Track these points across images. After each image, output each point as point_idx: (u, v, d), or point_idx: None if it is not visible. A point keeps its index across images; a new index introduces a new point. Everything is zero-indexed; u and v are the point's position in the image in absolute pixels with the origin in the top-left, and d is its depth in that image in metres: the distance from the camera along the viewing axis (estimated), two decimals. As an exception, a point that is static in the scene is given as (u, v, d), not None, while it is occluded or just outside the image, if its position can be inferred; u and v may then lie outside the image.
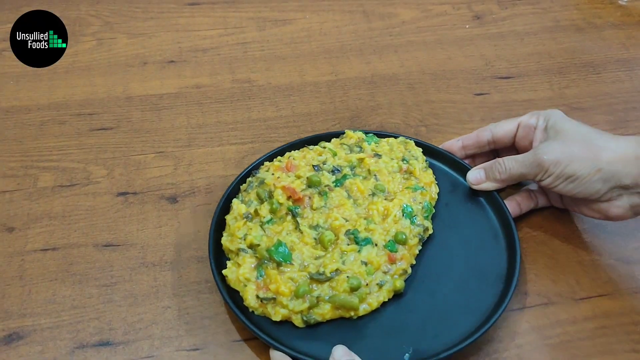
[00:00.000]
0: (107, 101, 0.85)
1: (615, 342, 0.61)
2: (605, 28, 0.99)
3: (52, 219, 0.71)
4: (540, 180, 0.65)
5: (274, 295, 0.59)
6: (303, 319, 0.59)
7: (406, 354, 0.58)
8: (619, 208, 0.63)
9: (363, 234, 0.63)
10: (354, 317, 0.60)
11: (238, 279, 0.61)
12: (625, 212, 0.63)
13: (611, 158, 0.61)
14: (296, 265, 0.61)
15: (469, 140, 0.73)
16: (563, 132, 0.64)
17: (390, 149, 0.73)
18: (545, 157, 0.63)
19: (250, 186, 0.68)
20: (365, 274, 0.61)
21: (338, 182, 0.68)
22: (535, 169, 0.64)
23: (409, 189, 0.68)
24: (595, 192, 0.62)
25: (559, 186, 0.63)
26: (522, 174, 0.66)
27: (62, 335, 0.61)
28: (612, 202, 0.63)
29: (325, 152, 0.72)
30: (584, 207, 0.66)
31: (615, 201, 0.63)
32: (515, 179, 0.67)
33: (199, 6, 1.02)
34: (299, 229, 0.64)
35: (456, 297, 0.62)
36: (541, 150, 0.64)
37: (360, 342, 0.58)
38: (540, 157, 0.64)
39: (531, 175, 0.65)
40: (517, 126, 0.70)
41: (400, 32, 0.98)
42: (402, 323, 0.60)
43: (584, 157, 0.62)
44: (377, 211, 0.66)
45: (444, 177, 0.73)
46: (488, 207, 0.70)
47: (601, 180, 0.61)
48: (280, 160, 0.71)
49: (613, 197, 0.62)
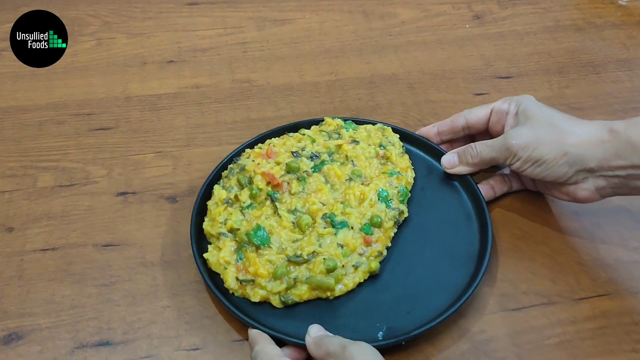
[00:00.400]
0: (106, 101, 0.85)
1: (615, 342, 0.60)
2: (605, 28, 0.99)
3: (51, 218, 0.71)
4: (510, 164, 0.67)
5: (253, 277, 0.61)
6: (281, 299, 0.61)
7: (380, 332, 0.60)
8: (585, 190, 0.64)
9: (339, 218, 0.65)
10: (330, 297, 0.62)
11: (218, 262, 0.63)
12: (592, 194, 0.64)
13: (576, 142, 0.62)
14: (274, 248, 0.63)
15: (444, 126, 0.75)
16: (532, 117, 0.66)
17: (367, 136, 0.75)
18: (513, 141, 0.65)
19: (231, 172, 0.71)
20: (342, 256, 0.63)
21: (316, 167, 0.71)
22: (505, 153, 0.66)
23: (386, 174, 0.70)
24: (562, 175, 0.64)
25: (527, 170, 0.65)
26: (492, 158, 0.68)
27: (61, 335, 0.61)
28: (579, 184, 0.64)
29: (304, 139, 0.74)
30: (553, 190, 0.68)
31: (581, 184, 0.64)
32: (487, 163, 0.69)
33: (198, 6, 1.02)
34: (278, 214, 0.66)
35: (429, 277, 0.64)
36: (510, 135, 0.66)
37: (336, 321, 0.60)
38: (509, 141, 0.66)
39: (501, 159, 0.67)
40: (490, 112, 0.72)
41: (400, 32, 0.98)
42: (377, 303, 0.62)
43: (550, 141, 0.63)
44: (353, 195, 0.68)
45: (421, 162, 0.75)
46: (462, 191, 0.72)
47: (567, 164, 0.63)
48: (260, 147, 0.73)
49: (579, 180, 0.64)
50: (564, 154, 0.62)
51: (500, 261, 0.67)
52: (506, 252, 0.68)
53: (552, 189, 0.68)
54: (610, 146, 0.61)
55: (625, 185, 0.62)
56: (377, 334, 0.59)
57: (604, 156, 0.61)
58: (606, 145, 0.61)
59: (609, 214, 0.71)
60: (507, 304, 0.63)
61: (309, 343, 0.56)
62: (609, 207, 0.71)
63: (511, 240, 0.69)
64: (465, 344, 0.60)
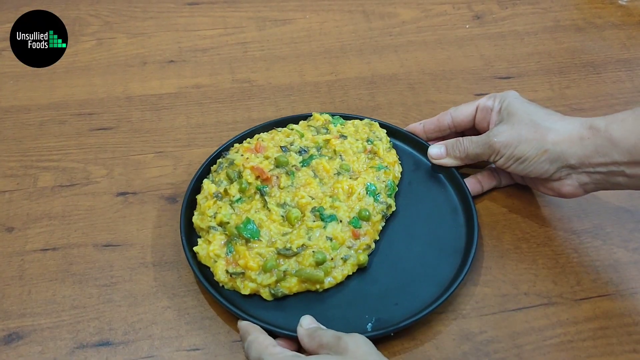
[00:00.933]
0: (107, 101, 0.85)
1: (616, 343, 0.60)
2: (605, 28, 0.99)
3: (51, 218, 0.71)
4: (494, 161, 0.67)
5: (242, 270, 0.62)
6: (271, 292, 0.62)
7: (369, 324, 0.60)
8: (569, 186, 0.65)
9: (328, 211, 0.66)
10: (320, 290, 0.63)
11: (208, 255, 0.64)
12: (576, 189, 0.65)
13: (556, 139, 0.63)
14: (264, 241, 0.64)
15: (430, 124, 0.76)
16: (514, 114, 0.66)
17: (355, 131, 0.76)
18: (495, 139, 0.66)
19: (220, 167, 0.71)
20: (330, 249, 0.63)
21: (305, 162, 0.71)
22: (488, 150, 0.67)
23: (373, 169, 0.72)
24: (544, 171, 0.64)
25: (511, 166, 0.66)
26: (477, 154, 0.69)
27: (62, 335, 0.61)
28: (563, 180, 0.65)
29: (292, 134, 0.75)
30: (539, 185, 0.69)
31: (565, 180, 0.65)
32: (472, 159, 0.70)
33: (199, 6, 1.02)
34: (267, 207, 0.67)
35: (417, 269, 0.65)
36: (492, 133, 0.67)
37: (325, 313, 0.61)
38: (492, 139, 0.66)
39: (485, 156, 0.68)
40: (476, 109, 0.72)
41: (400, 32, 0.98)
42: (366, 295, 0.63)
43: (531, 138, 0.64)
44: (342, 189, 0.69)
45: (408, 157, 0.76)
46: (448, 185, 0.73)
47: (548, 161, 0.63)
48: (249, 142, 0.74)
49: (562, 176, 0.64)
50: (544, 151, 0.63)
51: (502, 262, 0.67)
52: (508, 253, 0.68)
53: (537, 184, 0.69)
54: (589, 143, 0.61)
55: (606, 181, 0.62)
56: (366, 326, 0.60)
57: (584, 153, 0.61)
58: (585, 142, 0.61)
59: (609, 215, 0.71)
60: (508, 304, 0.63)
61: (301, 334, 0.57)
62: (610, 208, 0.72)
63: (512, 242, 0.69)
64: (466, 344, 0.60)
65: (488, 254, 0.68)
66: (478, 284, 0.65)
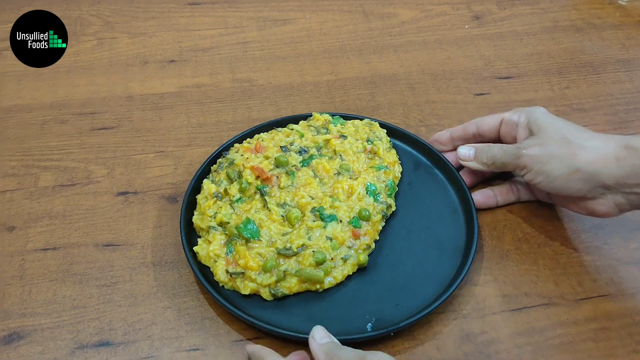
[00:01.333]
0: (108, 100, 0.85)
1: (617, 344, 0.61)
2: (604, 28, 0.99)
3: (52, 218, 0.71)
4: (522, 175, 0.66)
5: (242, 270, 0.62)
6: (271, 292, 0.62)
7: (369, 324, 0.60)
8: (603, 206, 0.63)
9: (328, 211, 0.66)
10: (320, 289, 0.63)
11: (208, 255, 0.64)
12: (611, 209, 0.63)
13: (590, 158, 0.61)
14: (264, 241, 0.64)
15: (456, 132, 0.74)
16: (544, 129, 0.65)
17: (355, 131, 0.76)
18: (525, 151, 0.64)
19: (220, 167, 0.71)
20: (330, 248, 0.64)
21: (305, 162, 0.71)
22: (515, 160, 0.65)
23: (373, 168, 0.71)
24: (576, 190, 0.62)
25: (541, 183, 0.64)
26: (503, 163, 0.67)
27: (62, 335, 0.61)
28: (597, 200, 0.63)
29: (292, 134, 0.75)
30: (570, 204, 0.67)
31: (600, 199, 0.63)
32: (498, 167, 0.68)
33: (199, 6, 1.02)
34: (267, 207, 0.67)
35: (417, 269, 0.65)
36: (522, 145, 0.65)
37: (325, 313, 0.61)
38: (521, 151, 0.65)
39: (512, 166, 0.66)
40: (501, 122, 0.71)
41: (400, 32, 0.98)
42: (366, 295, 0.63)
43: (561, 156, 0.62)
44: (342, 189, 0.69)
45: (408, 157, 0.76)
46: (448, 185, 0.73)
47: (581, 181, 0.61)
48: (249, 142, 0.74)
49: (597, 195, 0.62)
50: (576, 171, 0.61)
51: (503, 262, 0.67)
52: (509, 254, 0.68)
53: (568, 203, 0.67)
54: (626, 163, 0.59)
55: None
56: (366, 325, 0.60)
57: (620, 174, 0.59)
58: (622, 163, 0.59)
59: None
60: (509, 305, 0.63)
61: (315, 349, 0.54)
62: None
63: (513, 242, 0.69)
64: (467, 345, 0.60)
65: (488, 254, 0.68)
66: (478, 284, 0.65)
